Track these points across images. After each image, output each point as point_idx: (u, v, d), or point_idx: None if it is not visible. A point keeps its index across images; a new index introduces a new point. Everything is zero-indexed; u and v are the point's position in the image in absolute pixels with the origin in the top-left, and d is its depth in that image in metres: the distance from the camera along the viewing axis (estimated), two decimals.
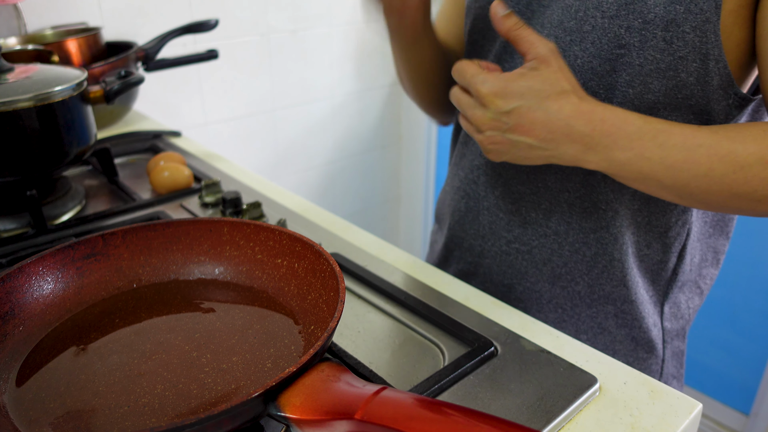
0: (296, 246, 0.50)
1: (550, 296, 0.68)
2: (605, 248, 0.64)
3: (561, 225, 0.65)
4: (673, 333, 0.70)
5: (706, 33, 0.52)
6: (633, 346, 0.68)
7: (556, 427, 0.43)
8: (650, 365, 0.69)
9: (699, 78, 0.54)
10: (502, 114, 0.53)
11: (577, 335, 0.69)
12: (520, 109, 0.52)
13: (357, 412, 0.33)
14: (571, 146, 0.53)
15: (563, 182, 0.64)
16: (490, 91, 0.53)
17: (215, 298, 0.51)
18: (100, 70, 0.95)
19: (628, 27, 0.55)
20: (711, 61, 0.53)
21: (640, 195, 0.62)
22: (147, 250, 0.54)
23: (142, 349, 0.45)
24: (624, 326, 0.67)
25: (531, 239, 0.67)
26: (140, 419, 0.38)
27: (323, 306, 0.45)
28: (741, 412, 1.56)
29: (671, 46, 0.54)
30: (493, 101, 0.53)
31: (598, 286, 0.66)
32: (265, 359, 0.44)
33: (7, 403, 0.40)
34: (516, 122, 0.53)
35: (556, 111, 0.52)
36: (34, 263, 0.48)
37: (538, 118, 0.52)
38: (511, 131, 0.53)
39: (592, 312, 0.67)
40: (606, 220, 0.63)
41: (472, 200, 0.72)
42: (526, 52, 0.54)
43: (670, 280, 0.67)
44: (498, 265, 0.71)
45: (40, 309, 0.48)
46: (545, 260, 0.67)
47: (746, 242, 1.41)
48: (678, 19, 0.53)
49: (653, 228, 0.63)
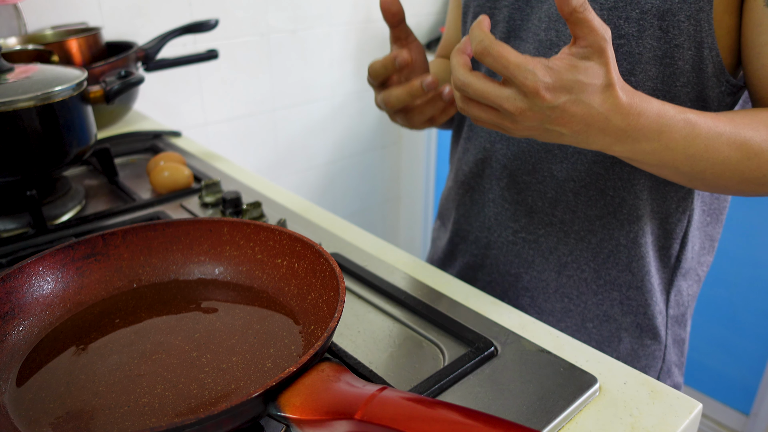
0: (296, 246, 0.50)
1: (557, 285, 0.69)
2: (611, 234, 0.65)
3: (567, 213, 0.66)
4: (674, 320, 0.71)
5: (700, 21, 0.54)
6: (638, 333, 0.69)
7: (556, 427, 0.43)
8: (654, 351, 0.70)
9: (694, 65, 0.56)
10: (547, 108, 0.49)
11: (583, 323, 0.69)
12: (566, 104, 0.49)
13: (357, 412, 0.33)
14: (602, 138, 0.51)
15: (569, 171, 0.64)
16: (542, 83, 0.48)
17: (215, 298, 0.51)
18: (100, 70, 0.95)
19: (626, 18, 0.56)
20: (705, 48, 0.55)
21: (644, 181, 0.63)
22: (147, 250, 0.53)
23: (142, 349, 0.45)
24: (629, 313, 0.68)
25: (537, 228, 0.68)
26: (140, 419, 0.38)
27: (323, 306, 0.45)
28: (741, 412, 1.56)
29: (667, 35, 0.55)
30: (543, 96, 0.48)
31: (604, 271, 0.67)
32: (265, 359, 0.44)
33: (7, 403, 0.40)
34: (559, 116, 0.50)
35: (598, 105, 0.49)
36: (34, 263, 0.48)
37: (579, 111, 0.49)
38: (549, 122, 0.50)
39: (598, 299, 0.68)
40: (613, 206, 0.64)
41: (477, 193, 0.73)
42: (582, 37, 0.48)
43: (674, 267, 0.68)
44: (505, 255, 0.71)
45: (40, 309, 0.48)
46: (551, 249, 0.68)
47: (746, 242, 1.41)
48: (673, 8, 0.54)
49: (655, 214, 0.64)
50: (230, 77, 1.50)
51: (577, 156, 0.63)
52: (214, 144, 1.54)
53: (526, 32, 0.64)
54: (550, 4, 0.61)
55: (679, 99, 0.58)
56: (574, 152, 0.64)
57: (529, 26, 0.63)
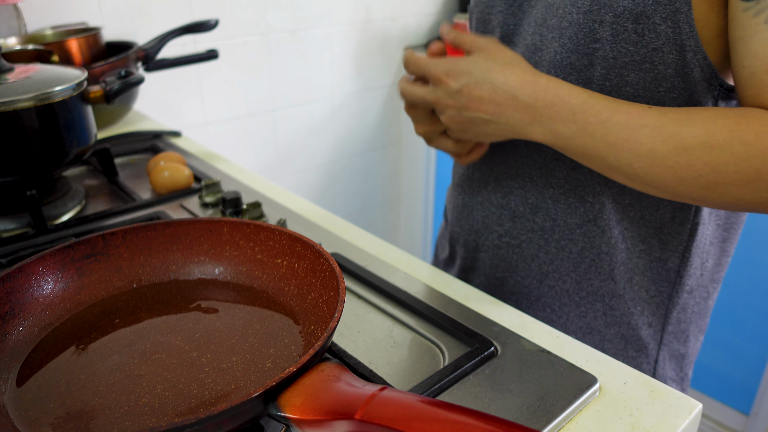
0: (296, 246, 0.50)
1: (538, 294, 0.68)
2: (592, 242, 0.64)
3: (547, 221, 0.66)
4: (672, 335, 0.69)
5: (678, 23, 0.52)
6: (623, 345, 0.68)
7: (556, 427, 0.43)
8: (640, 364, 0.68)
9: (678, 70, 0.54)
10: (454, 93, 0.56)
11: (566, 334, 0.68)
12: (468, 86, 0.55)
13: (357, 412, 0.33)
14: (516, 116, 0.55)
15: (547, 177, 0.64)
16: (442, 71, 0.57)
17: (215, 298, 0.51)
18: (100, 70, 0.95)
19: (601, 21, 0.55)
20: (688, 52, 0.53)
21: (630, 189, 0.61)
22: (147, 250, 0.53)
23: (142, 349, 0.45)
24: (613, 324, 0.67)
25: (520, 233, 0.68)
26: (140, 419, 0.38)
27: (323, 306, 0.45)
28: (741, 412, 1.56)
29: (643, 39, 0.54)
30: (445, 81, 0.56)
31: (585, 282, 0.66)
32: (265, 359, 0.44)
33: (7, 403, 0.40)
34: (467, 99, 0.56)
35: (501, 83, 0.55)
36: (34, 263, 0.48)
37: (485, 92, 0.55)
38: (465, 108, 0.56)
39: (581, 311, 0.67)
40: (593, 213, 0.63)
41: (468, 195, 0.73)
42: (470, 47, 0.58)
43: (675, 281, 0.65)
44: (491, 259, 0.72)
45: (40, 309, 0.48)
46: (533, 256, 0.67)
47: (747, 242, 1.41)
48: (647, 11, 0.53)
49: (647, 223, 0.63)
50: (230, 77, 1.50)
51: (555, 163, 0.63)
52: (214, 144, 1.54)
53: (517, 37, 0.64)
54: (538, 9, 0.61)
55: (665, 105, 0.56)
56: (552, 159, 0.63)
57: (520, 31, 0.64)
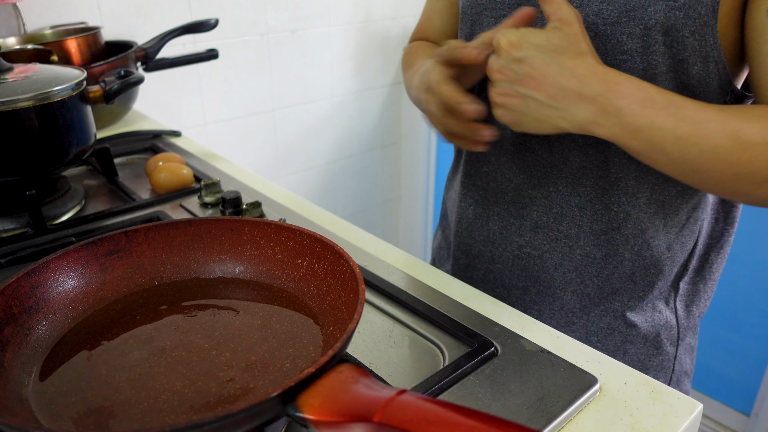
0: (317, 247, 0.50)
1: (562, 302, 0.69)
2: (616, 249, 0.64)
3: (572, 228, 0.65)
4: (687, 329, 0.71)
5: (705, 36, 0.53)
6: (643, 344, 0.68)
7: (557, 427, 0.43)
8: (662, 362, 0.69)
9: (701, 80, 0.55)
10: (512, 61, 0.52)
11: (588, 337, 0.69)
12: (532, 60, 0.51)
13: (375, 415, 0.32)
14: (583, 107, 0.51)
15: (574, 186, 0.64)
16: (508, 40, 0.52)
17: (235, 297, 0.51)
18: (99, 69, 0.95)
19: (629, 33, 0.55)
20: (711, 62, 0.54)
21: (655, 198, 0.62)
22: (169, 248, 0.54)
23: (161, 346, 0.45)
24: (633, 325, 0.67)
25: (542, 244, 0.67)
26: (159, 416, 0.39)
27: (342, 307, 0.45)
28: (742, 412, 1.55)
29: (671, 50, 0.54)
30: (507, 49, 0.52)
31: (608, 286, 0.66)
32: (284, 359, 0.44)
33: (30, 396, 0.40)
34: (526, 72, 0.51)
35: (570, 68, 0.51)
36: (59, 258, 0.49)
37: (550, 72, 0.51)
38: (520, 83, 0.52)
39: (601, 311, 0.68)
40: (618, 221, 0.63)
41: (481, 206, 0.72)
42: (551, 13, 0.52)
43: (686, 278, 0.68)
44: (510, 270, 0.71)
45: (63, 304, 0.48)
46: (556, 265, 0.67)
47: (747, 242, 1.41)
48: (678, 24, 0.53)
49: (669, 230, 0.64)
50: (230, 77, 1.50)
51: (582, 171, 0.63)
52: (214, 144, 1.54)
53: None
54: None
55: None
56: (580, 167, 0.63)
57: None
